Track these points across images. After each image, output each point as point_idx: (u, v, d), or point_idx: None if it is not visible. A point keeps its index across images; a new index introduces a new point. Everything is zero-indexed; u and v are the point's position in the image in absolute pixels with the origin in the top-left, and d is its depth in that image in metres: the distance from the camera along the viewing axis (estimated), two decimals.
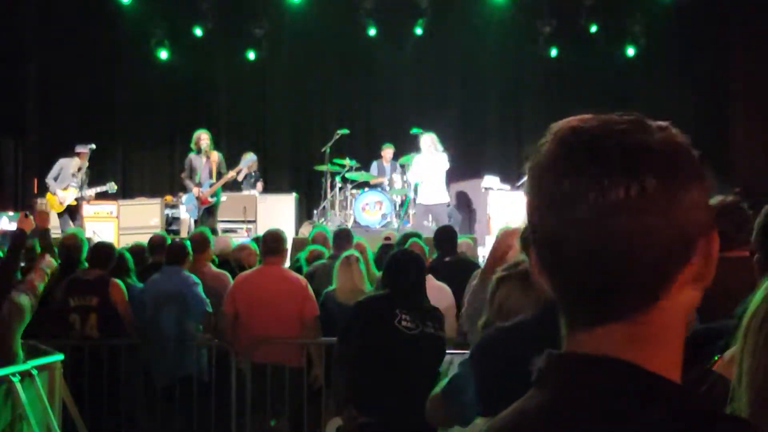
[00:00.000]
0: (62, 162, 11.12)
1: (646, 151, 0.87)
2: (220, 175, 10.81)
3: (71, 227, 10.14)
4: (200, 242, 6.62)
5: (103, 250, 6.21)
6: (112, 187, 11.38)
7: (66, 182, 10.97)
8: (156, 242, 6.96)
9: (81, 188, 11.05)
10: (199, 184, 10.69)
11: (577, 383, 0.89)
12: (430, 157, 11.29)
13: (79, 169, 11.08)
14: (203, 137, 10.73)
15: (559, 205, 0.88)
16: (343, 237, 6.92)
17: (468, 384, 2.28)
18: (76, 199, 11.05)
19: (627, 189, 0.85)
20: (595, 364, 0.88)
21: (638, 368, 0.87)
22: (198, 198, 10.73)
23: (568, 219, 0.87)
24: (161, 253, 6.59)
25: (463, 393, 2.30)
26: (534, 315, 2.26)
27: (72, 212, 11.04)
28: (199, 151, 10.74)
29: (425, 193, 11.39)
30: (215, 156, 10.86)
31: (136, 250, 7.04)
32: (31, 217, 5.04)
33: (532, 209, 0.92)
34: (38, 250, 5.44)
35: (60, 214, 10.91)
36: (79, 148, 11.20)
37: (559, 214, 0.88)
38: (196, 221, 10.91)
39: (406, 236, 6.98)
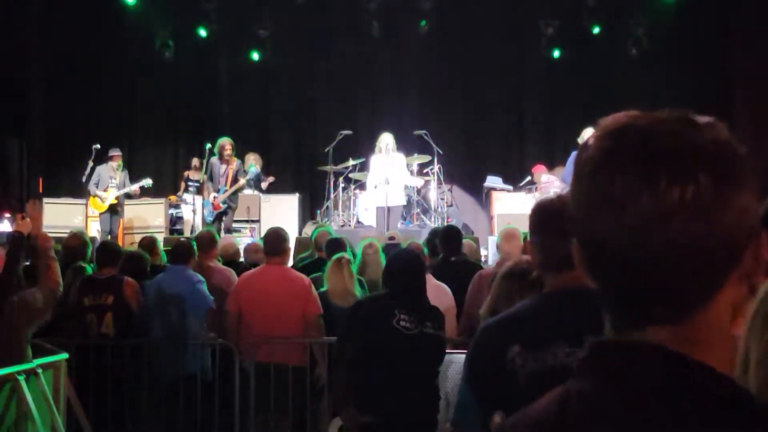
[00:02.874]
0: (99, 169, 11.78)
1: (700, 151, 0.85)
2: (235, 182, 11.22)
3: (78, 227, 10.31)
4: (206, 241, 6.80)
5: (110, 249, 6.31)
6: (147, 182, 12.09)
7: (105, 184, 11.66)
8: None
9: (122, 186, 11.72)
10: (216, 190, 11.20)
11: (620, 367, 0.87)
12: (388, 158, 11.18)
13: (115, 171, 11.74)
14: (227, 147, 11.24)
15: (607, 205, 0.85)
16: (335, 247, 6.89)
17: (470, 400, 2.25)
18: (117, 198, 11.66)
19: (682, 191, 0.83)
20: (647, 352, 0.86)
21: (692, 360, 0.85)
22: (212, 203, 11.18)
23: (619, 219, 0.84)
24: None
25: (472, 412, 2.27)
26: (525, 305, 2.23)
27: (113, 210, 11.71)
28: (221, 158, 11.24)
29: (385, 195, 11.25)
30: (234, 164, 11.34)
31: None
32: (28, 219, 5.05)
33: (578, 206, 0.89)
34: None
35: (103, 214, 11.65)
36: (111, 152, 11.87)
37: (609, 214, 0.85)
38: (209, 225, 11.16)
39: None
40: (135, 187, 11.83)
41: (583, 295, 1.12)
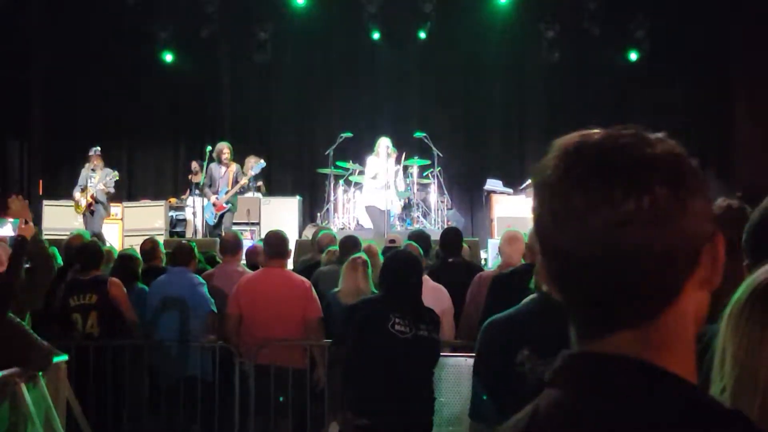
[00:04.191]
0: (82, 171, 11.59)
1: (654, 163, 0.89)
2: (236, 183, 11.30)
3: (78, 228, 10.30)
4: (233, 244, 6.73)
5: (91, 250, 6.25)
6: (114, 176, 11.56)
7: (83, 185, 11.47)
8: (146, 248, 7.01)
9: (97, 185, 11.45)
10: (216, 192, 11.25)
11: (589, 379, 0.91)
12: (385, 162, 11.20)
13: (93, 170, 11.49)
14: (225, 151, 11.34)
15: (569, 219, 0.89)
16: (350, 245, 6.90)
17: (482, 391, 2.27)
18: (92, 197, 11.41)
19: (638, 200, 0.87)
20: (612, 362, 0.90)
21: (655, 367, 0.89)
22: (214, 205, 11.22)
23: (579, 232, 0.89)
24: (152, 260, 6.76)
25: (487, 405, 2.29)
26: (529, 303, 2.24)
27: (91, 212, 11.46)
28: (220, 162, 11.33)
29: (373, 197, 11.28)
30: (233, 167, 11.41)
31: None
32: (31, 224, 5.05)
33: (541, 223, 0.93)
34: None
35: (83, 215, 11.40)
36: (90, 151, 11.62)
37: (569, 228, 0.89)
38: (214, 227, 11.18)
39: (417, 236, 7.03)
40: (100, 186, 11.40)
41: None
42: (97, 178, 11.42)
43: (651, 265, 0.88)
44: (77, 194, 11.43)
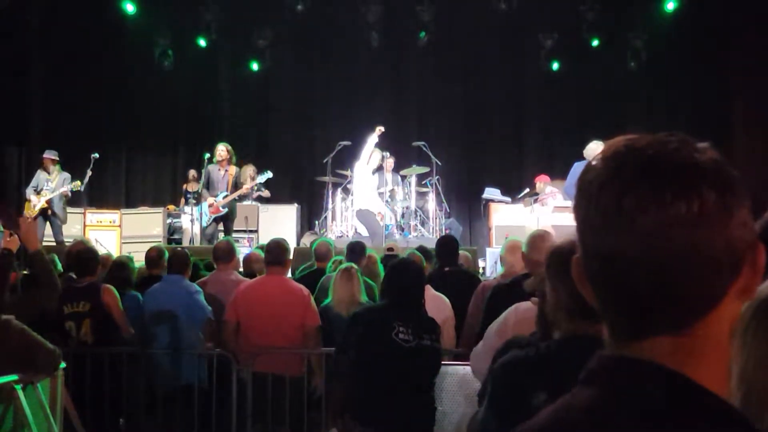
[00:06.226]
0: (38, 172, 11.46)
1: (702, 168, 0.91)
2: (236, 188, 11.09)
3: (77, 236, 10.28)
4: (226, 251, 6.64)
5: (86, 257, 6.20)
6: (76, 185, 11.40)
7: (41, 188, 11.31)
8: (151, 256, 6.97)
9: (57, 190, 11.28)
10: (215, 195, 11.07)
11: (622, 385, 0.92)
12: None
13: (50, 173, 11.34)
14: (218, 150, 11.11)
15: (617, 219, 0.90)
16: (357, 251, 6.90)
17: (492, 423, 2.25)
18: (48, 202, 11.23)
19: (688, 203, 0.88)
20: (642, 369, 0.91)
21: (687, 379, 0.90)
22: (210, 206, 11.03)
23: (627, 232, 0.90)
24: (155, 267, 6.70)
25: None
26: (547, 347, 2.22)
27: (45, 215, 11.27)
28: (218, 163, 11.11)
29: (365, 201, 11.35)
30: (233, 169, 11.20)
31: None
32: (16, 236, 5.03)
33: (587, 223, 0.94)
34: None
35: (35, 218, 11.12)
36: (45, 154, 11.47)
37: (616, 229, 0.90)
38: (203, 228, 11.05)
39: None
40: (64, 189, 11.25)
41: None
42: (55, 183, 11.27)
43: (697, 268, 0.89)
44: (32, 195, 11.24)
